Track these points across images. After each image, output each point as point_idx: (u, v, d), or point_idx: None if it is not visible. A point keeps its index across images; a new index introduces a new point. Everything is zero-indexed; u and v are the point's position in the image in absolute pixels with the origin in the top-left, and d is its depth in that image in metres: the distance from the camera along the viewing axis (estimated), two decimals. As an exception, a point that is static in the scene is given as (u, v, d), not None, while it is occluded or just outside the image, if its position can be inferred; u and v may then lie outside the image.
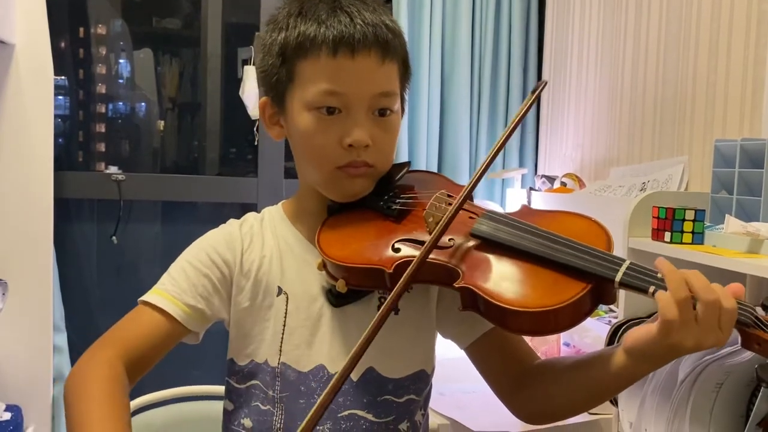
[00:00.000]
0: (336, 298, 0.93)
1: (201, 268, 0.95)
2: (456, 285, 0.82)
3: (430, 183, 0.98)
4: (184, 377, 1.62)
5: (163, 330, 0.92)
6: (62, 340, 2.11)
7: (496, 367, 0.97)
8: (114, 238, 2.41)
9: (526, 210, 0.92)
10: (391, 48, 0.91)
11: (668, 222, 1.36)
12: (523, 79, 2.54)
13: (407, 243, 0.88)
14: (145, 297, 0.94)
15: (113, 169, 2.50)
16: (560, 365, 0.94)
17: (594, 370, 0.86)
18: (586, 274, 0.79)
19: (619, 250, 1.49)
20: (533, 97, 0.86)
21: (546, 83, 0.89)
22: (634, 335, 0.80)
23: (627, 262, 0.79)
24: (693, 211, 1.35)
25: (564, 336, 1.87)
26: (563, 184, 2.23)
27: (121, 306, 0.92)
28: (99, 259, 2.61)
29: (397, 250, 0.88)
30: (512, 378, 0.95)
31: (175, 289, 0.93)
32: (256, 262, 0.96)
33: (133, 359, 0.89)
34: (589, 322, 1.65)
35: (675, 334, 0.75)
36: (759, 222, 1.30)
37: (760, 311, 0.78)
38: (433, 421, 1.64)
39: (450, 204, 0.89)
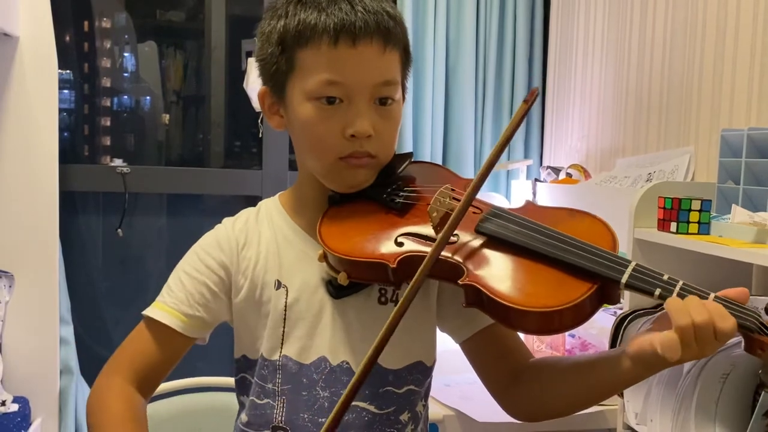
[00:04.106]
0: (336, 290, 0.93)
1: (197, 276, 0.95)
2: (460, 282, 0.82)
3: (434, 176, 0.97)
4: (189, 369, 1.63)
5: (167, 344, 0.94)
6: (68, 332, 2.11)
7: (491, 364, 0.97)
8: (119, 230, 2.42)
9: (530, 207, 0.91)
10: (393, 36, 0.90)
11: (674, 212, 1.35)
12: (528, 69, 2.53)
13: (411, 237, 0.87)
14: (147, 311, 0.95)
15: (118, 162, 2.50)
16: (555, 365, 0.94)
17: (592, 372, 0.86)
18: (591, 275, 0.78)
19: (624, 241, 1.48)
20: (527, 107, 0.81)
21: (537, 92, 0.85)
22: (638, 344, 0.79)
23: (633, 264, 0.78)
24: (699, 202, 1.34)
25: (569, 327, 1.87)
26: (569, 175, 2.22)
27: (127, 298, 0.93)
28: (104, 251, 2.61)
29: (401, 245, 0.87)
30: (506, 375, 0.95)
31: (173, 301, 0.94)
32: (253, 260, 0.95)
33: (142, 378, 0.93)
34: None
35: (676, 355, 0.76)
36: (766, 212, 1.29)
37: (765, 316, 0.77)
38: (438, 412, 1.64)
39: (454, 199, 0.87)
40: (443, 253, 0.84)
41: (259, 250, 0.96)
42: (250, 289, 0.95)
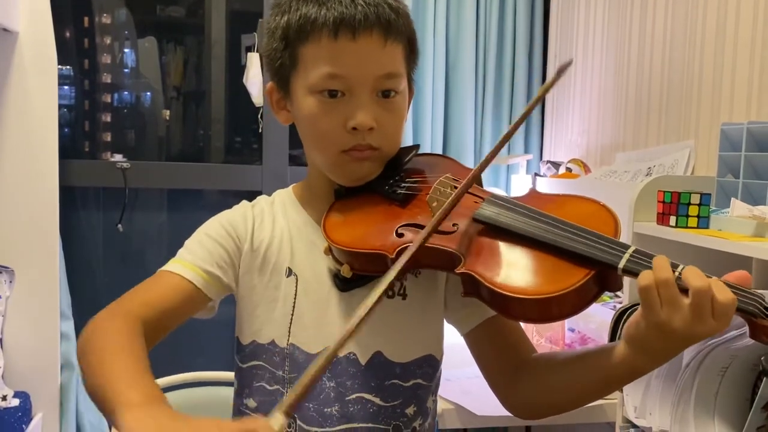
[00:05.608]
0: (342, 283, 0.93)
1: (217, 239, 0.95)
2: (457, 270, 0.81)
3: (439, 166, 0.97)
4: (190, 364, 1.63)
5: (180, 294, 0.90)
6: (69, 327, 2.12)
7: (493, 356, 0.96)
8: (119, 225, 2.42)
9: (533, 194, 0.91)
10: (394, 28, 0.90)
11: (674, 206, 1.35)
12: (527, 64, 2.53)
13: (411, 228, 0.87)
14: (164, 267, 0.93)
15: (118, 157, 2.50)
16: (558, 358, 0.93)
17: (593, 362, 0.85)
18: (588, 261, 0.77)
19: (624, 235, 1.48)
20: (557, 77, 0.83)
21: (571, 61, 0.87)
22: (629, 323, 0.79)
23: (631, 249, 0.77)
24: (698, 195, 1.34)
25: (569, 321, 1.87)
26: (568, 169, 2.23)
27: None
28: (105, 246, 2.62)
29: (401, 235, 0.86)
30: (508, 368, 0.94)
31: (193, 257, 0.93)
32: (265, 241, 0.96)
33: (148, 321, 0.86)
34: (593, 308, 1.65)
35: (658, 312, 0.73)
36: (765, 205, 1.29)
37: None
38: (438, 405, 1.65)
39: (455, 188, 0.87)
40: (441, 242, 0.83)
41: (273, 234, 0.96)
42: (261, 271, 0.95)
